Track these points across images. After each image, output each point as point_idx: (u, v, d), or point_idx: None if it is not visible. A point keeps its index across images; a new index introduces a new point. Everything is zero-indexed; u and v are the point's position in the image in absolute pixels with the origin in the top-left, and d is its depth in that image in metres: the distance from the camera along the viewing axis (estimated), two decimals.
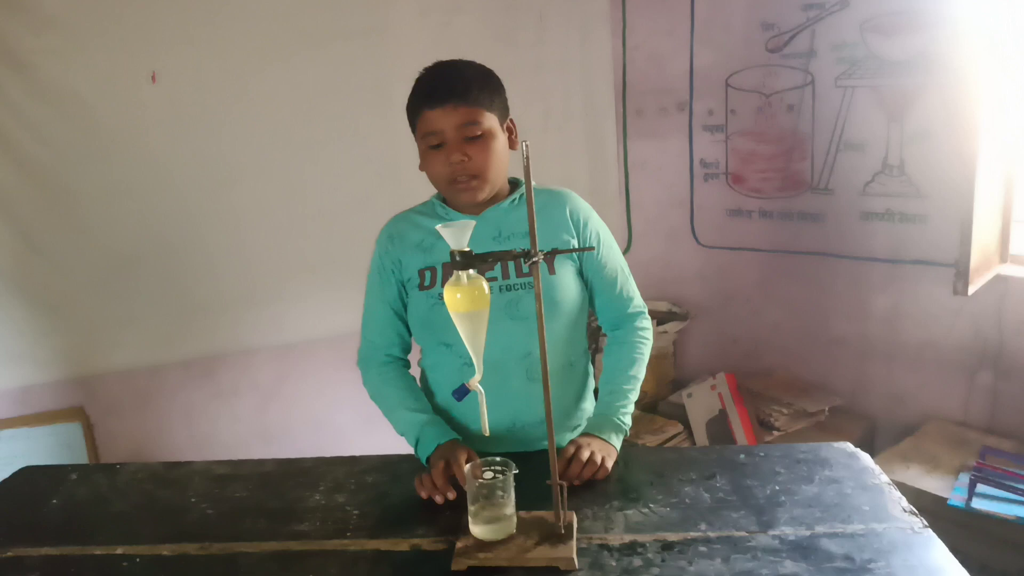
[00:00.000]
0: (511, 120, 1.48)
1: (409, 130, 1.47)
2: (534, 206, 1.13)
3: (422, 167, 1.48)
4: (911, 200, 2.59)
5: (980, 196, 2.23)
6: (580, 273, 1.52)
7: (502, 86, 1.46)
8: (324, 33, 2.54)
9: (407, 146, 2.50)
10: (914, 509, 1.22)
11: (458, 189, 1.42)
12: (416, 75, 1.44)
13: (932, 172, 2.52)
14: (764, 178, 2.98)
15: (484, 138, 1.39)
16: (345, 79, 2.60)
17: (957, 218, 2.28)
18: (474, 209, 1.48)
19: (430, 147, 1.40)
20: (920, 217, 2.58)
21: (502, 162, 1.44)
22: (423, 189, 1.61)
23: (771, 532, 1.18)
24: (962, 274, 2.25)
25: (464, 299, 1.12)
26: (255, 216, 2.55)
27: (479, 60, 1.47)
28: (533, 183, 1.13)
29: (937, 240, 2.53)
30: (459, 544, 1.17)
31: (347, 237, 2.28)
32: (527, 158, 1.13)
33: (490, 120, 1.41)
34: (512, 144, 1.47)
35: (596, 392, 1.60)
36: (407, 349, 1.59)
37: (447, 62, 1.43)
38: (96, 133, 2.30)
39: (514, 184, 1.53)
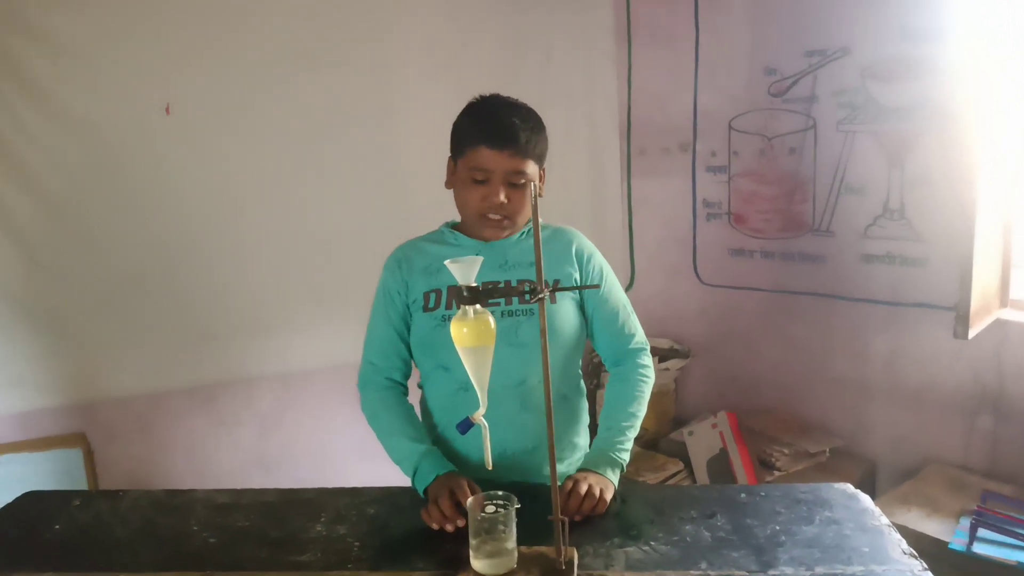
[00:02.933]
0: (543, 168, 1.53)
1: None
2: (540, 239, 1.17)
3: (450, 186, 1.52)
4: (911, 244, 2.62)
5: (980, 240, 2.25)
6: (580, 307, 1.55)
7: (547, 135, 1.51)
8: (332, 63, 2.58)
9: (414, 178, 2.50)
10: (914, 552, 1.23)
11: (486, 224, 1.48)
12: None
13: (932, 216, 2.55)
14: (766, 219, 3.01)
15: (525, 185, 1.45)
16: (353, 110, 2.63)
17: (957, 262, 2.30)
18: (483, 238, 1.51)
19: (474, 180, 1.45)
20: (920, 261, 2.61)
21: (531, 207, 1.48)
22: (429, 220, 1.64)
23: (771, 572, 1.18)
24: (962, 318, 2.26)
25: (470, 334, 1.15)
26: (261, 244, 2.57)
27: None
28: (540, 220, 1.17)
29: (937, 284, 2.54)
30: None
31: (352, 267, 2.30)
32: (535, 198, 1.17)
33: (533, 169, 1.47)
34: (539, 189, 1.51)
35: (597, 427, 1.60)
36: (408, 374, 1.61)
37: (510, 103, 1.48)
38: (105, 158, 2.32)
39: None
